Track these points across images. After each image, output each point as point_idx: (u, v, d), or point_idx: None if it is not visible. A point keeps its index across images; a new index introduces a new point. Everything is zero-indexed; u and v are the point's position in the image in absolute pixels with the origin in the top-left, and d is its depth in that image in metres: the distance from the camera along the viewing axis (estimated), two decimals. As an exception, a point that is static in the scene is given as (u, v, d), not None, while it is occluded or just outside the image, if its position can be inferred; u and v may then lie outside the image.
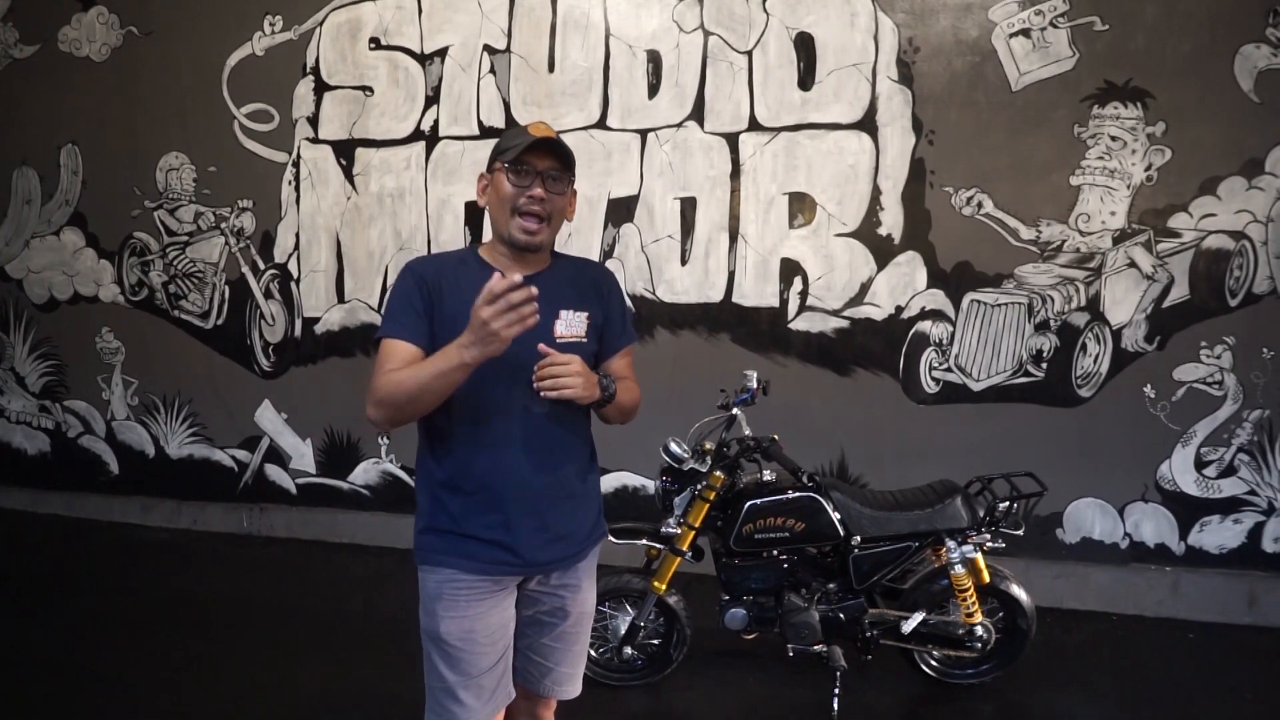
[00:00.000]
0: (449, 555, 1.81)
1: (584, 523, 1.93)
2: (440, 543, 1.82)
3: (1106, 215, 3.85)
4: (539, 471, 1.81)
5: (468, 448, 1.79)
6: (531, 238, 1.78)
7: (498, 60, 4.48)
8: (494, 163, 1.82)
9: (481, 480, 1.79)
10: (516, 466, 1.79)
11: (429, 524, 1.85)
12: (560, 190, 1.80)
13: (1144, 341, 3.88)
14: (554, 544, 1.86)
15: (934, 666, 3.18)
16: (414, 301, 1.77)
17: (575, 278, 1.92)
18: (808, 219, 4.18)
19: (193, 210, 5.06)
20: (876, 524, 3.01)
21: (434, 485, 1.85)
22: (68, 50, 5.16)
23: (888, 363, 4.15)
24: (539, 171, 1.76)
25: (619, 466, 4.54)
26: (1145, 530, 3.97)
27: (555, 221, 1.83)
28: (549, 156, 1.78)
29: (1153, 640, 3.73)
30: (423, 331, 1.75)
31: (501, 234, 1.81)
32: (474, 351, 1.58)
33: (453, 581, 1.81)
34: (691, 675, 3.25)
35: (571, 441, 1.88)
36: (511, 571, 1.84)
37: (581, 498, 1.92)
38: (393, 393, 1.68)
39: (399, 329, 1.75)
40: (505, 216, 1.78)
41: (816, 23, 4.07)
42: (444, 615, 1.81)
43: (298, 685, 3.23)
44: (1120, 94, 3.78)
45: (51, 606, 4.01)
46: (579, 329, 1.85)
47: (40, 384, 5.50)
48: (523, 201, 1.76)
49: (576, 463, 1.90)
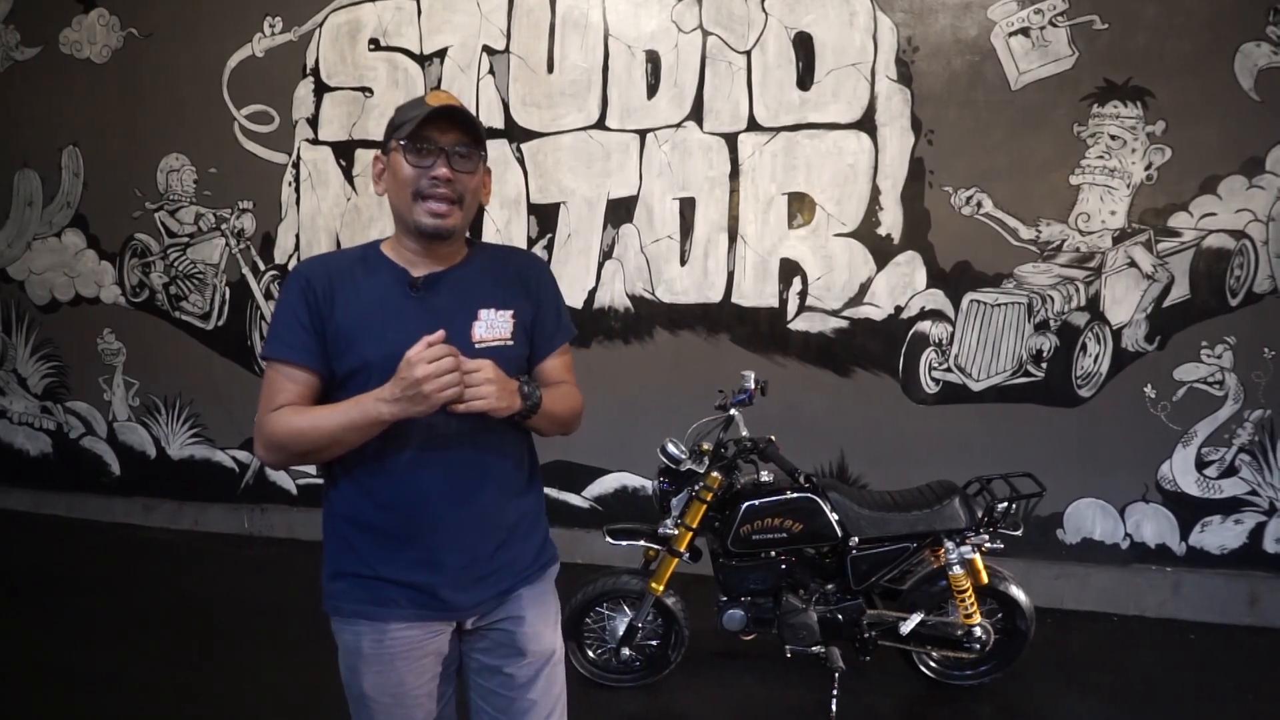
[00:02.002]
0: (363, 604, 1.56)
1: (523, 552, 1.66)
2: (351, 589, 1.57)
3: (1106, 214, 3.84)
4: (459, 499, 1.54)
5: (371, 474, 1.53)
6: (441, 222, 1.52)
7: (497, 61, 4.48)
8: (389, 141, 1.56)
9: (391, 512, 1.53)
10: (430, 494, 1.53)
11: (336, 568, 1.59)
12: (470, 169, 1.54)
13: (1144, 341, 3.87)
14: (484, 581, 1.59)
15: (933, 668, 3.18)
16: (299, 314, 1.52)
17: (497, 270, 1.65)
18: (807, 219, 4.17)
19: (193, 211, 5.07)
20: (874, 525, 3.00)
21: (337, 520, 1.59)
22: (69, 52, 5.17)
23: (887, 363, 4.14)
24: (442, 148, 1.50)
25: (619, 467, 4.54)
26: (1146, 531, 3.95)
27: (468, 205, 1.57)
28: (453, 129, 1.51)
29: (1153, 641, 3.72)
30: (311, 350, 1.52)
31: (406, 223, 1.55)
32: (395, 409, 1.39)
33: (373, 633, 1.56)
34: (690, 676, 3.25)
35: (496, 461, 1.60)
36: (438, 617, 1.58)
37: (516, 525, 1.64)
38: (288, 440, 1.48)
39: (282, 348, 1.52)
40: (407, 202, 1.52)
41: (815, 22, 4.06)
42: (367, 671, 1.58)
43: (297, 686, 3.23)
44: (1120, 93, 3.76)
45: (52, 607, 4.02)
46: (503, 330, 1.58)
47: (42, 385, 5.52)
48: (425, 184, 1.50)
49: (506, 485, 1.62)
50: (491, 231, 4.54)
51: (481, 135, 1.56)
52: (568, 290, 4.42)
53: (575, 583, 3.16)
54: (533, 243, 4.49)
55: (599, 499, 4.59)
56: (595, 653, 3.20)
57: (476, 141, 1.55)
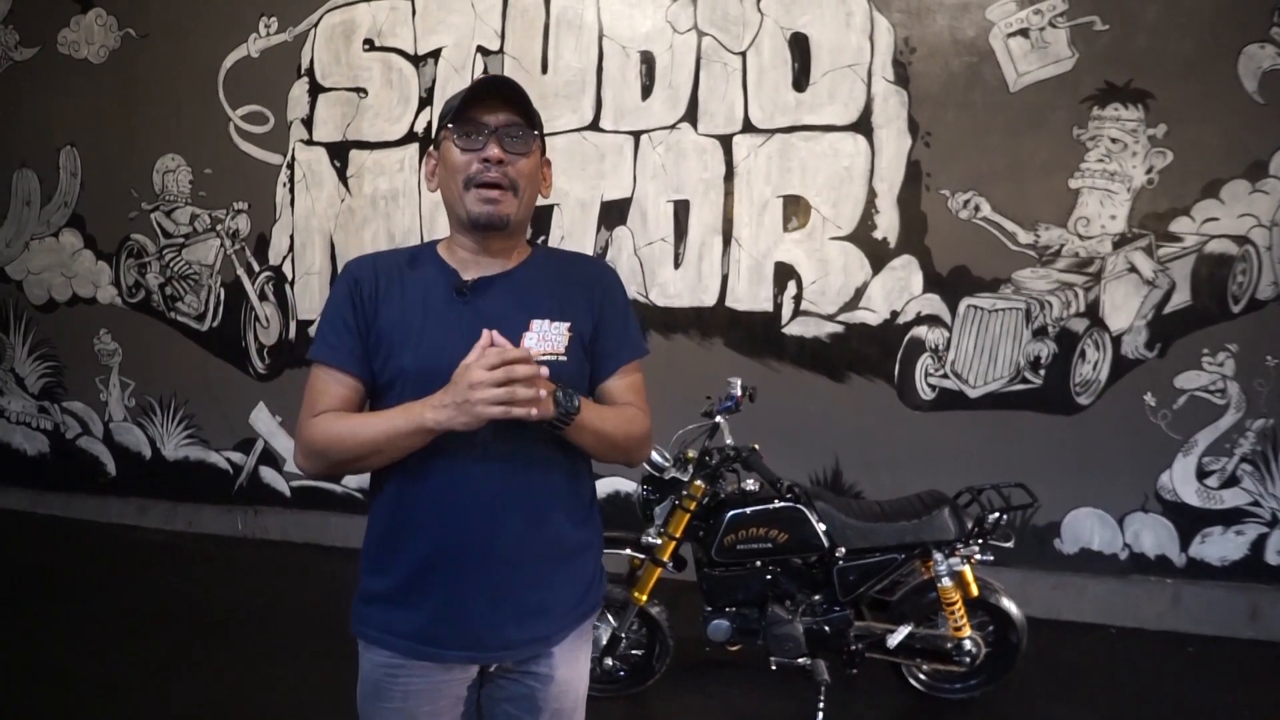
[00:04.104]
0: (383, 633, 1.46)
1: (569, 592, 1.51)
2: (374, 614, 1.48)
3: (1106, 219, 3.77)
4: (500, 520, 1.41)
5: (411, 494, 1.42)
6: (495, 209, 1.40)
7: (491, 61, 4.44)
8: (439, 133, 1.46)
9: (423, 526, 1.42)
10: (469, 512, 1.40)
11: (365, 587, 1.50)
12: (523, 150, 1.42)
13: (1144, 348, 3.79)
14: (521, 622, 1.45)
15: (922, 680, 3.11)
16: (345, 313, 1.44)
17: (558, 277, 1.51)
18: (802, 222, 4.12)
19: (189, 212, 5.06)
20: (862, 535, 2.95)
21: (372, 536, 1.50)
22: (66, 52, 5.17)
23: (883, 368, 4.09)
24: (493, 129, 1.40)
25: (611, 472, 4.49)
26: (1145, 541, 3.88)
27: (525, 192, 1.44)
28: (502, 107, 1.41)
29: (1151, 654, 3.65)
30: (356, 355, 1.43)
31: (459, 216, 1.44)
32: (442, 415, 1.29)
33: (390, 666, 1.46)
34: (674, 686, 3.20)
35: (550, 482, 1.45)
36: (461, 658, 1.46)
37: (564, 558, 1.49)
38: (327, 447, 1.39)
39: (328, 351, 1.44)
40: (458, 191, 1.42)
41: (811, 23, 4.01)
42: (379, 705, 1.49)
43: (289, 687, 3.21)
44: (1121, 95, 3.69)
45: (46, 607, 4.01)
46: (556, 344, 1.43)
47: (39, 385, 5.52)
48: (475, 169, 1.40)
49: (559, 511, 1.47)
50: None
51: (537, 116, 1.45)
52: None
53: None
54: (526, 245, 4.45)
55: (592, 503, 4.54)
56: (579, 661, 3.16)
57: (530, 122, 1.44)
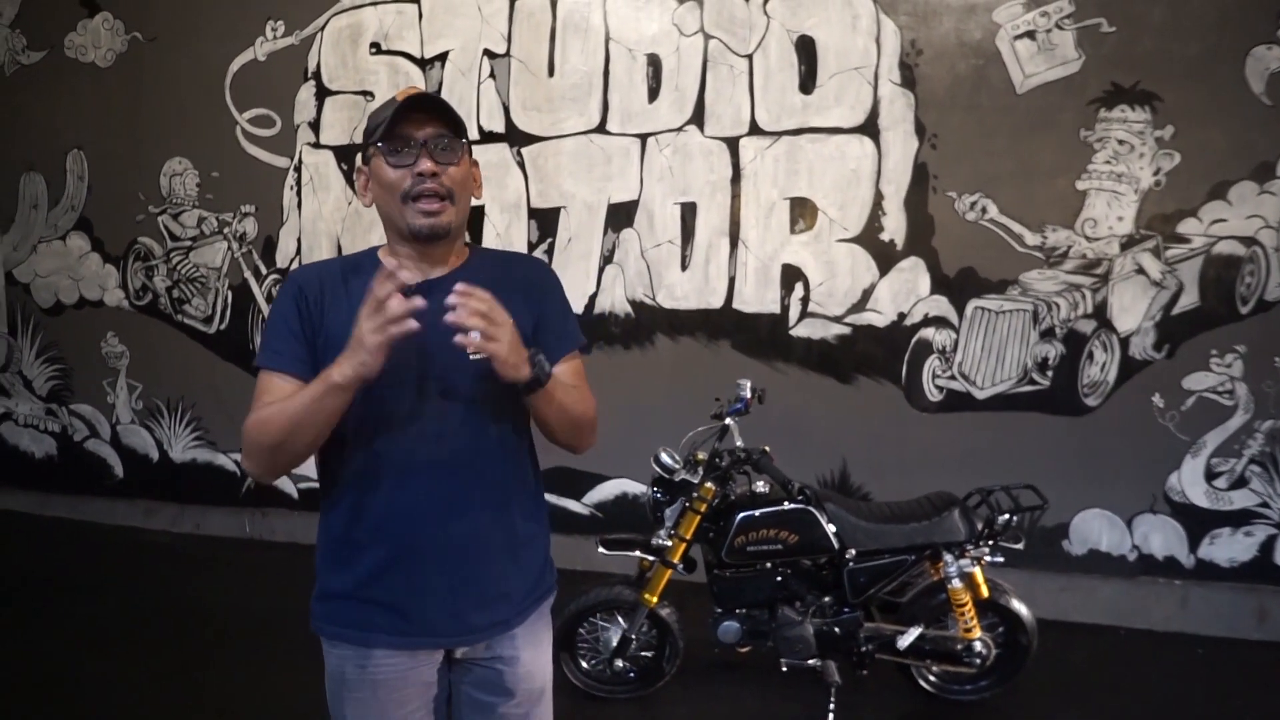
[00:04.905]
0: (346, 627, 1.52)
1: (522, 578, 1.59)
2: (335, 611, 1.53)
3: (1114, 220, 3.77)
4: (455, 516, 1.48)
5: (362, 490, 1.48)
6: (436, 220, 1.44)
7: (498, 65, 4.45)
8: (367, 149, 1.48)
9: (380, 530, 1.48)
10: (424, 510, 1.47)
11: (322, 588, 1.56)
12: (453, 160, 1.45)
13: (1152, 349, 3.79)
14: (479, 608, 1.52)
15: (932, 682, 3.12)
16: (290, 322, 1.47)
17: (496, 278, 1.52)
18: (809, 224, 4.12)
19: (196, 215, 5.07)
20: (871, 537, 2.96)
21: (328, 538, 1.54)
22: (74, 56, 5.18)
23: (890, 370, 4.09)
24: (422, 142, 1.43)
25: (620, 473, 4.50)
26: (1154, 542, 3.88)
27: (460, 199, 1.48)
28: (429, 121, 1.44)
29: (1160, 655, 3.65)
30: (300, 358, 1.45)
31: (398, 229, 1.48)
32: (345, 367, 1.30)
33: (356, 658, 1.52)
34: (684, 688, 3.21)
35: (501, 475, 1.54)
36: (425, 644, 1.53)
37: (518, 548, 1.57)
38: (258, 436, 1.40)
39: (273, 357, 1.46)
40: (397, 207, 1.45)
41: (818, 26, 4.01)
42: (349, 698, 1.54)
43: (296, 690, 3.21)
44: (1128, 97, 3.69)
45: (53, 609, 4.02)
46: None
47: (47, 387, 5.53)
48: (410, 183, 1.42)
49: (510, 503, 1.55)
50: (492, 236, 4.52)
51: (461, 123, 1.49)
52: (568, 295, 4.40)
53: (572, 591, 3.13)
54: (533, 247, 4.46)
55: (599, 505, 4.56)
56: (589, 663, 3.17)
57: (457, 130, 1.47)
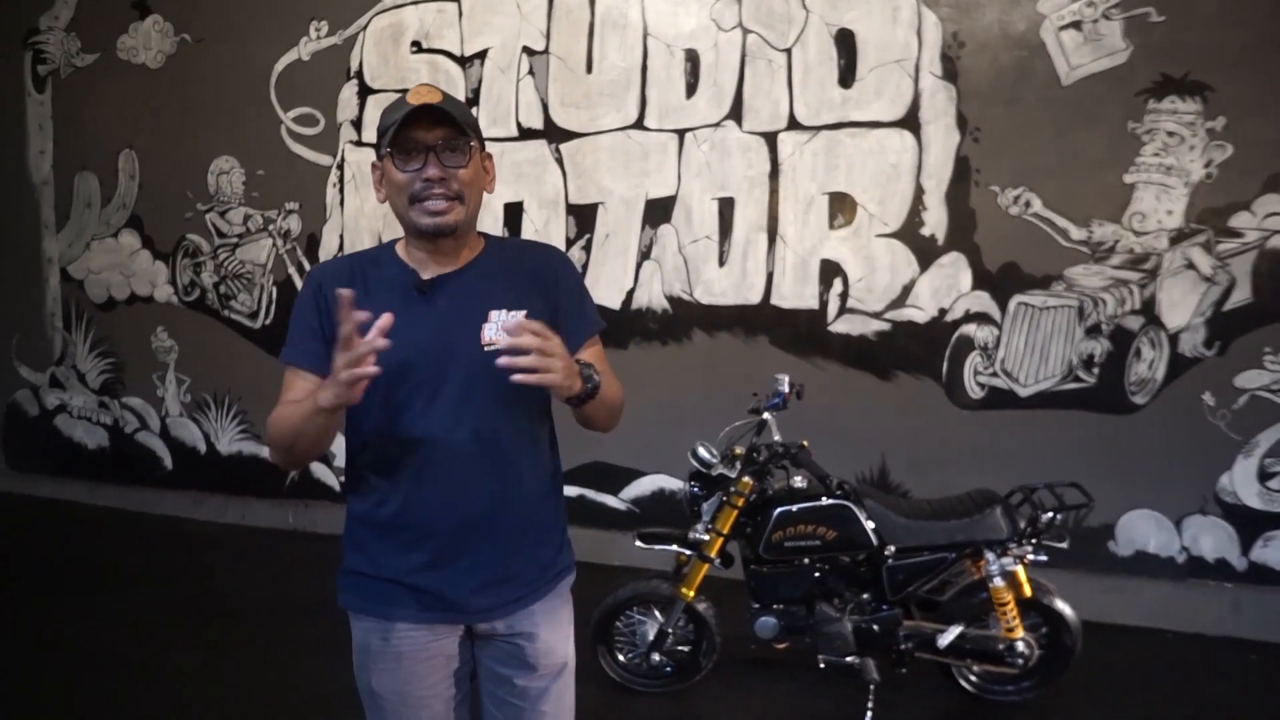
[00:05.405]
0: (370, 601, 1.59)
1: (535, 559, 1.64)
2: (361, 587, 1.60)
3: (1163, 214, 3.68)
4: (470, 499, 1.53)
5: (384, 475, 1.54)
6: (441, 219, 1.48)
7: (536, 62, 4.48)
8: (380, 149, 1.53)
9: (400, 512, 1.54)
10: (441, 494, 1.52)
11: (347, 564, 1.63)
12: (460, 162, 1.49)
13: (1203, 346, 3.70)
14: (492, 588, 1.58)
15: (973, 682, 3.07)
16: (310, 318, 1.54)
17: (510, 269, 1.60)
18: (848, 219, 4.09)
19: (242, 213, 5.18)
20: (911, 533, 2.92)
21: (352, 520, 1.63)
22: (125, 58, 5.33)
23: (930, 367, 4.04)
24: (429, 147, 1.47)
25: (656, 469, 4.50)
26: (1204, 544, 3.78)
27: (469, 198, 1.52)
28: (437, 125, 1.47)
29: (1210, 660, 3.55)
30: (317, 354, 1.52)
31: (408, 227, 1.54)
32: (328, 394, 1.36)
33: (380, 631, 1.59)
34: (721, 684, 3.20)
35: (518, 460, 1.58)
36: (443, 620, 1.59)
37: (532, 530, 1.62)
38: (273, 436, 1.51)
39: (295, 353, 1.56)
40: (405, 207, 1.51)
41: (858, 19, 3.98)
42: (375, 668, 1.61)
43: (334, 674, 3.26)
44: (1178, 87, 3.60)
45: (104, 597, 4.14)
46: None
47: (99, 381, 5.69)
48: (418, 187, 1.48)
49: (525, 486, 1.59)
50: (530, 231, 4.55)
51: (469, 123, 1.52)
52: (605, 290, 4.43)
53: (609, 585, 3.15)
54: (571, 243, 4.49)
55: (636, 501, 4.56)
56: (625, 657, 3.18)
57: (463, 132, 1.50)
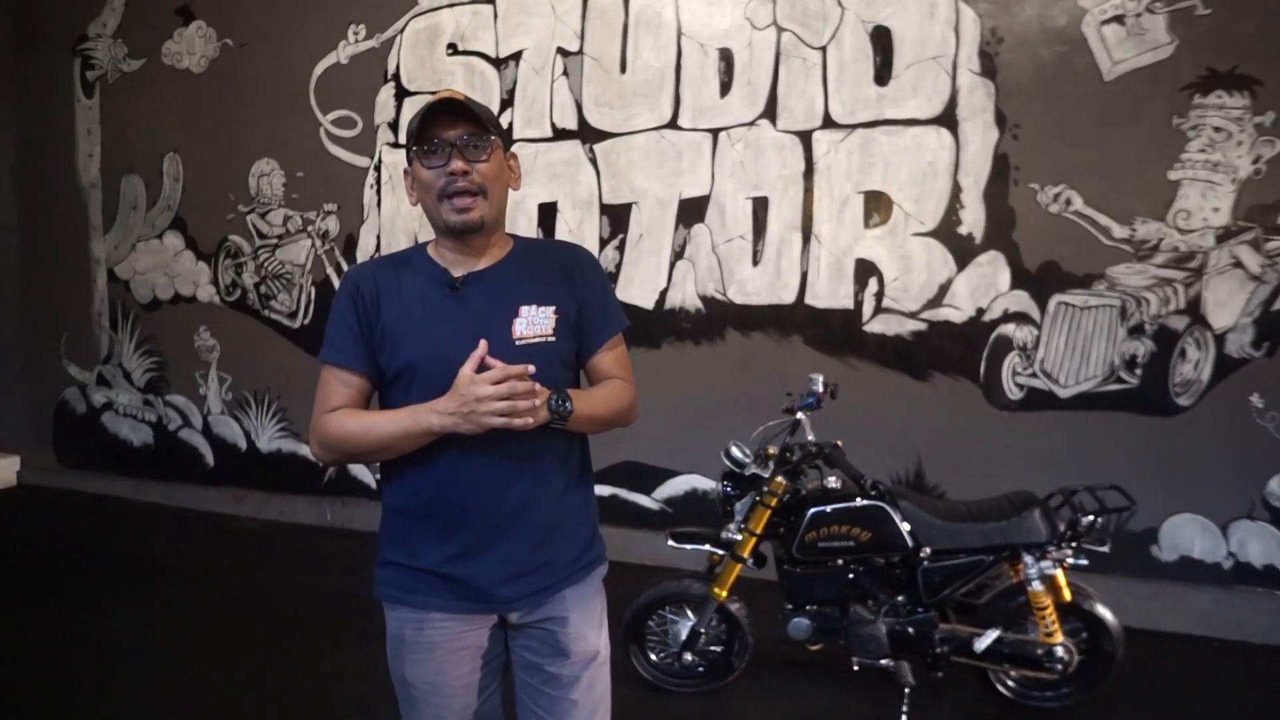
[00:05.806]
0: (405, 592, 1.63)
1: (566, 550, 1.66)
2: (396, 578, 1.64)
3: (1209, 212, 3.59)
4: (502, 491, 1.57)
5: (418, 467, 1.57)
6: (468, 216, 1.54)
7: (570, 62, 4.50)
8: (408, 151, 1.58)
9: (434, 504, 1.58)
10: (473, 487, 1.56)
11: (383, 556, 1.68)
12: (482, 157, 1.54)
13: (1250, 347, 3.61)
14: (524, 577, 1.61)
15: (1010, 687, 3.03)
16: (348, 319, 1.59)
17: (538, 265, 1.66)
18: (884, 218, 4.05)
19: (282, 214, 5.27)
20: (948, 536, 2.89)
21: (388, 511, 1.67)
22: (170, 63, 5.45)
23: (968, 367, 3.98)
24: (452, 143, 1.52)
25: (689, 469, 4.50)
26: (1251, 550, 3.68)
27: (494, 194, 1.57)
28: (457, 122, 1.53)
29: (1258, 669, 3.46)
30: (360, 354, 1.59)
31: (438, 225, 1.59)
32: (450, 422, 1.45)
33: (414, 621, 1.63)
34: (753, 684, 3.19)
35: (541, 455, 1.60)
36: (476, 610, 1.62)
37: (561, 520, 1.65)
38: (341, 442, 1.57)
39: (335, 353, 1.60)
40: (434, 205, 1.56)
41: (894, 15, 3.94)
42: (408, 658, 1.65)
43: (370, 671, 3.31)
44: (1225, 82, 3.52)
45: (148, 591, 4.24)
46: (544, 327, 1.59)
47: (144, 379, 5.83)
48: (444, 182, 1.53)
49: (554, 479, 1.63)
50: (564, 231, 4.57)
51: (489, 120, 1.56)
52: (639, 290, 4.44)
53: (641, 584, 3.15)
54: (605, 243, 4.50)
55: (669, 501, 4.56)
56: (658, 656, 3.18)
57: (484, 128, 1.54)
